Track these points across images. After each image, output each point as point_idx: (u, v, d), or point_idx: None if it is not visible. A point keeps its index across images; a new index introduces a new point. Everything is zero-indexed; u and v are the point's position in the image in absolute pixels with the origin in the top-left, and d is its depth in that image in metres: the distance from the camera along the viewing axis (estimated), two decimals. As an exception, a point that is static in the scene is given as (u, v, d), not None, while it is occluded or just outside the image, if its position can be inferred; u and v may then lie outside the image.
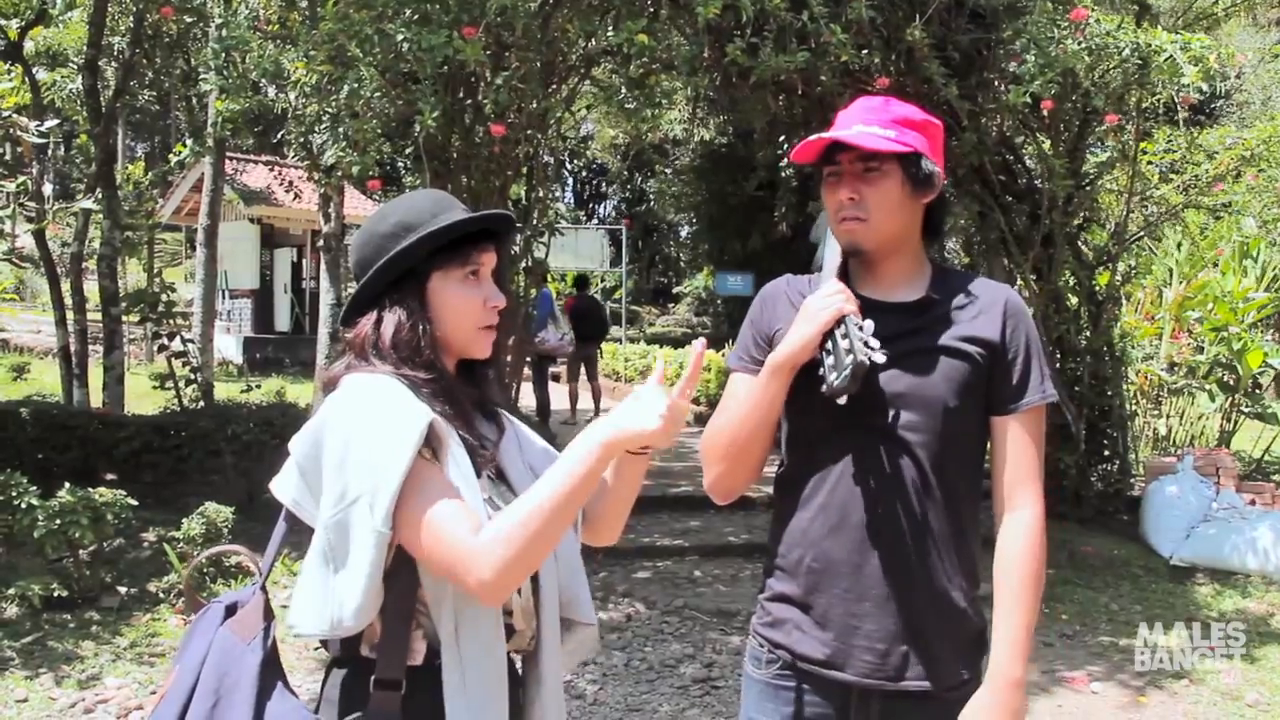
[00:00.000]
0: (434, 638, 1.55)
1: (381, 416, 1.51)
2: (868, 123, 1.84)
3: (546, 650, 1.67)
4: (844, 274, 1.90)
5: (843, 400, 1.74)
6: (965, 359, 1.84)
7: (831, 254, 1.94)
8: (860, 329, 1.73)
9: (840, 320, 1.77)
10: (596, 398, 13.16)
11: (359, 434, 1.50)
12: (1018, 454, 1.86)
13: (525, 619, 1.65)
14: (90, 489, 5.42)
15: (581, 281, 14.45)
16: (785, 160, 8.40)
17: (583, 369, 13.01)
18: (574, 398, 13.12)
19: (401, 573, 1.54)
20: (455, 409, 1.63)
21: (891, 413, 1.82)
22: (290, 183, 11.84)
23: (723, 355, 13.14)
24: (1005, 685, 1.78)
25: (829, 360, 1.76)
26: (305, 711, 1.55)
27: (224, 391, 10.65)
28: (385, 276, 1.64)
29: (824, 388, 1.75)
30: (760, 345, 1.97)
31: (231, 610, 1.64)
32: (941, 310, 1.88)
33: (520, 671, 1.70)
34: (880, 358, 1.69)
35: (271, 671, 1.57)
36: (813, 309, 1.81)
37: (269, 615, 1.62)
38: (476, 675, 1.53)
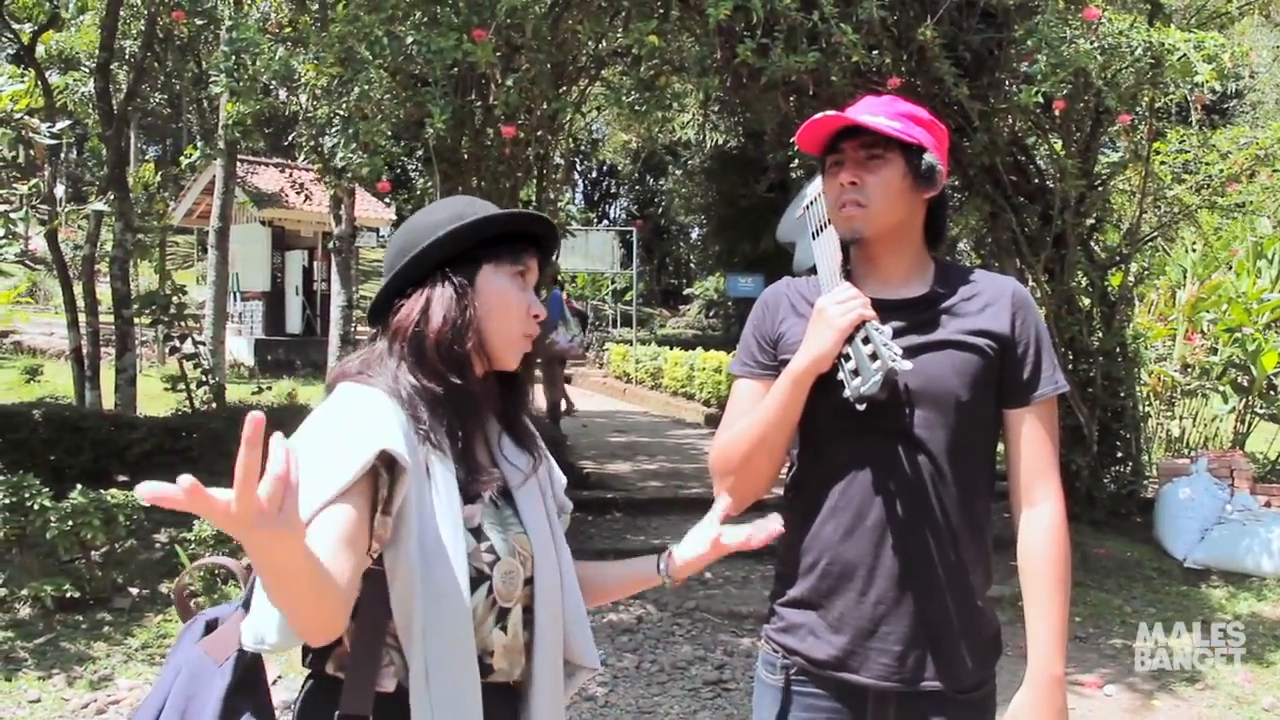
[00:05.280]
0: (404, 671, 1.46)
1: (336, 440, 1.42)
2: (874, 114, 1.83)
3: (538, 690, 1.59)
4: (846, 273, 1.86)
5: (862, 405, 1.71)
6: (975, 352, 1.81)
7: (822, 254, 1.91)
8: (881, 333, 1.71)
9: (860, 325, 1.74)
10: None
11: (309, 454, 1.40)
12: (1034, 447, 1.83)
13: (507, 658, 1.58)
14: (102, 490, 5.44)
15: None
16: (796, 162, 8.39)
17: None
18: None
19: (370, 604, 1.45)
20: (466, 424, 1.56)
21: (904, 410, 1.78)
22: (301, 185, 11.86)
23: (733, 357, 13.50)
24: (1048, 682, 1.78)
25: (849, 365, 1.74)
26: None
27: (235, 393, 10.68)
28: (436, 254, 1.56)
29: (847, 393, 1.71)
30: (764, 348, 1.94)
31: (211, 627, 1.58)
32: (947, 304, 1.85)
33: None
34: (907, 365, 1.67)
35: (242, 696, 1.49)
36: (831, 314, 1.76)
37: None
38: (446, 715, 1.45)
